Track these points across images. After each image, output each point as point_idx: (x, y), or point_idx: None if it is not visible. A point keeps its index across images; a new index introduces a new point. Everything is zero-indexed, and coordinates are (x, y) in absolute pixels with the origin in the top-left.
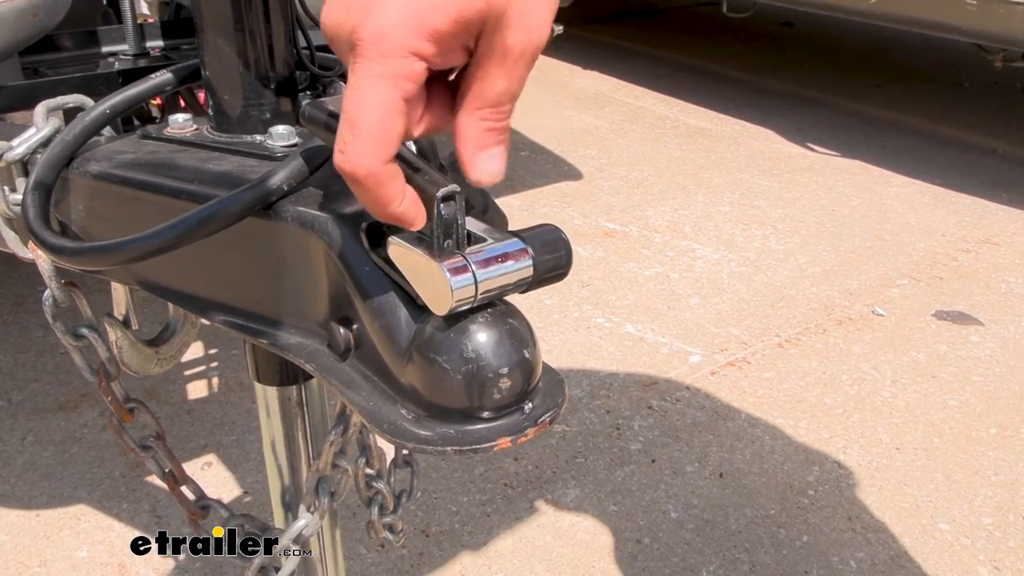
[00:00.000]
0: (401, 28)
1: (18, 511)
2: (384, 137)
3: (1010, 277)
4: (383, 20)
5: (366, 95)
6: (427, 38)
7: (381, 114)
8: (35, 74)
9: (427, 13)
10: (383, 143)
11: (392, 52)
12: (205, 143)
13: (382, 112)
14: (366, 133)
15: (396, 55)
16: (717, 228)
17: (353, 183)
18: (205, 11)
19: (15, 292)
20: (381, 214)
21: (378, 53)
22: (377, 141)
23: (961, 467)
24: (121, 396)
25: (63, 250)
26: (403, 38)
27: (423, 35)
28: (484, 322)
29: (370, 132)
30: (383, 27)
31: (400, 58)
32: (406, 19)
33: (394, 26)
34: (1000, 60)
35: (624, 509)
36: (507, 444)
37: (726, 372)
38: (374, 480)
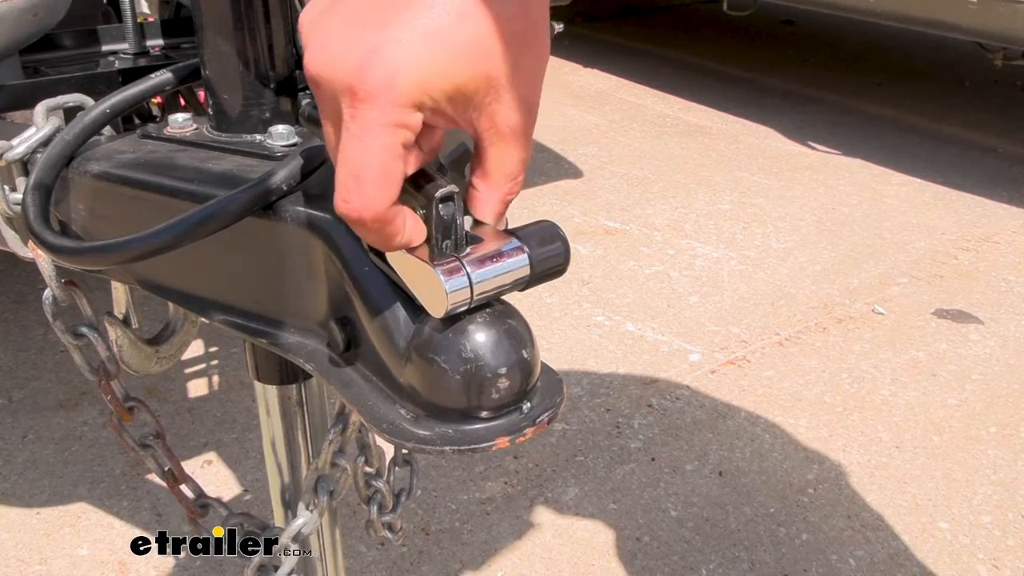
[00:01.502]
0: (410, 80)
1: (19, 509)
2: (389, 183)
3: (1010, 275)
4: (392, 68)
5: (370, 144)
6: (432, 94)
7: (385, 162)
8: (35, 73)
9: (437, 73)
10: (388, 188)
11: (399, 102)
12: (205, 142)
13: (386, 160)
14: (371, 181)
15: (400, 105)
16: (717, 226)
17: (359, 227)
18: (205, 10)
19: (15, 290)
20: (386, 247)
21: (383, 102)
22: (383, 187)
23: (960, 465)
24: (121, 395)
25: (63, 249)
26: (411, 89)
27: (429, 91)
28: (482, 322)
29: (375, 180)
30: (393, 76)
31: (402, 108)
32: (416, 71)
33: (405, 77)
34: (1000, 59)
35: (624, 507)
36: (505, 444)
37: (726, 370)
38: (373, 479)
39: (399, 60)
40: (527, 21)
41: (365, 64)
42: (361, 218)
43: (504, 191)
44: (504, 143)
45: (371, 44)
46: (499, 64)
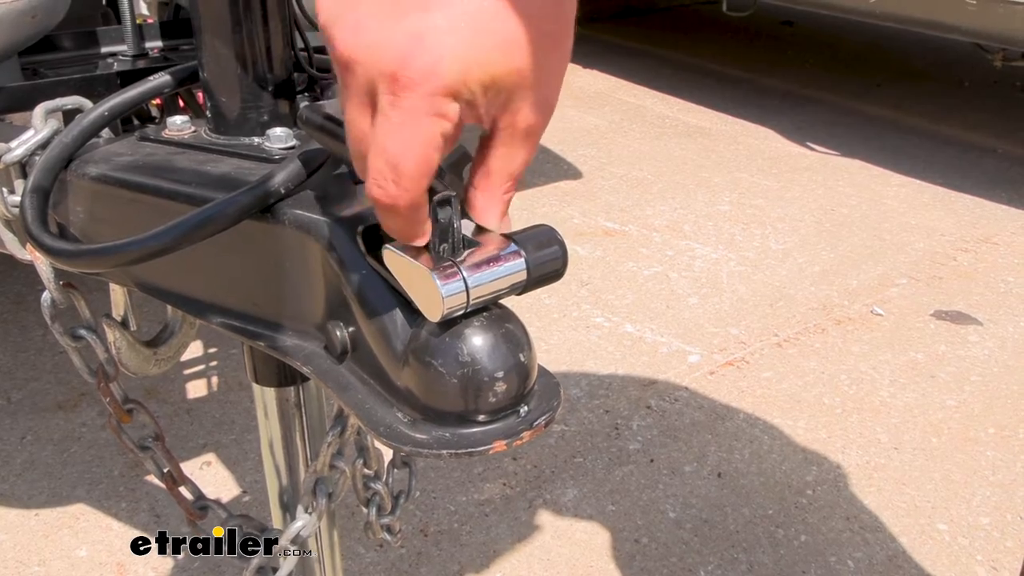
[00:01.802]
0: (455, 68)
1: (17, 510)
2: (427, 173)
3: (1009, 277)
4: (437, 55)
5: (408, 134)
6: (472, 84)
7: (427, 152)
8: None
9: (481, 63)
10: (425, 178)
11: (443, 91)
12: (203, 145)
13: (424, 151)
14: (411, 170)
15: (442, 94)
16: (716, 227)
17: (391, 214)
18: (203, 13)
19: (14, 291)
20: (408, 238)
21: (431, 90)
22: (421, 177)
23: (959, 467)
24: (120, 397)
25: (61, 252)
26: (455, 78)
27: (470, 81)
28: (479, 326)
29: (415, 169)
30: (437, 63)
31: (444, 98)
32: (459, 62)
33: (450, 65)
34: (1000, 59)
35: (622, 509)
36: (502, 447)
37: (725, 372)
38: (372, 481)
39: (444, 47)
40: (559, 21)
41: (409, 50)
42: (396, 205)
43: (503, 190)
44: (517, 142)
45: (413, 29)
46: (531, 61)
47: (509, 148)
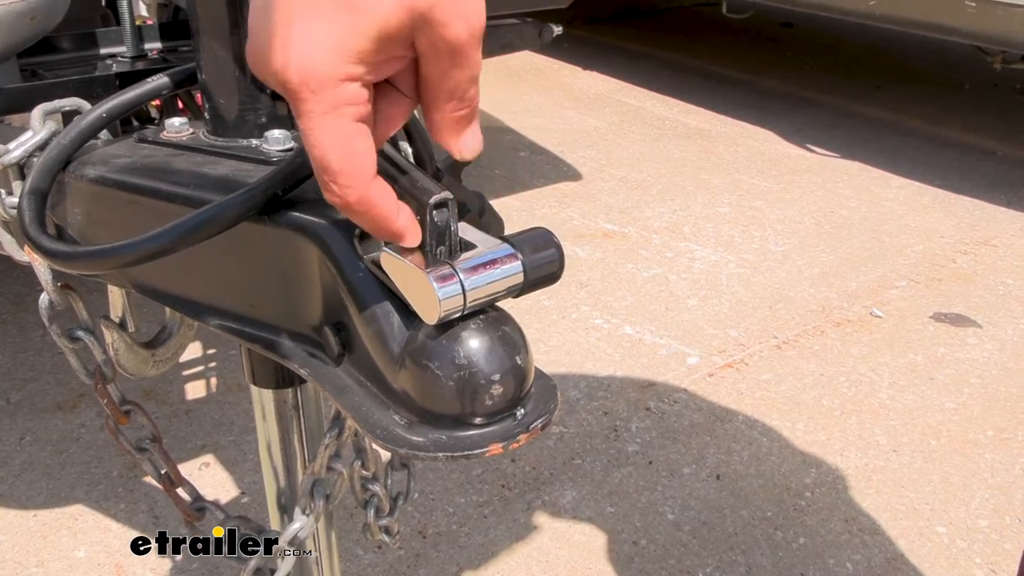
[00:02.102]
0: (324, 60)
1: (16, 511)
2: (355, 165)
3: (1008, 279)
4: (304, 57)
5: (320, 137)
6: (354, 61)
7: (342, 148)
8: (33, 76)
9: (347, 37)
10: (358, 169)
11: (323, 86)
12: (201, 147)
13: (342, 146)
14: (337, 169)
15: (328, 87)
16: (716, 229)
17: (348, 212)
18: (201, 15)
19: (14, 291)
20: (385, 233)
21: (310, 92)
22: (351, 171)
23: (958, 469)
24: (117, 398)
25: (58, 254)
26: (329, 69)
27: (349, 59)
28: (476, 329)
29: (340, 167)
30: (306, 64)
31: (333, 89)
32: (326, 49)
33: (316, 60)
34: (999, 62)
35: (621, 511)
36: (499, 450)
37: (724, 374)
38: (370, 483)
39: (306, 44)
40: None
41: (282, 61)
42: (346, 203)
43: (448, 110)
44: (444, 61)
45: (279, 37)
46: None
47: (438, 67)
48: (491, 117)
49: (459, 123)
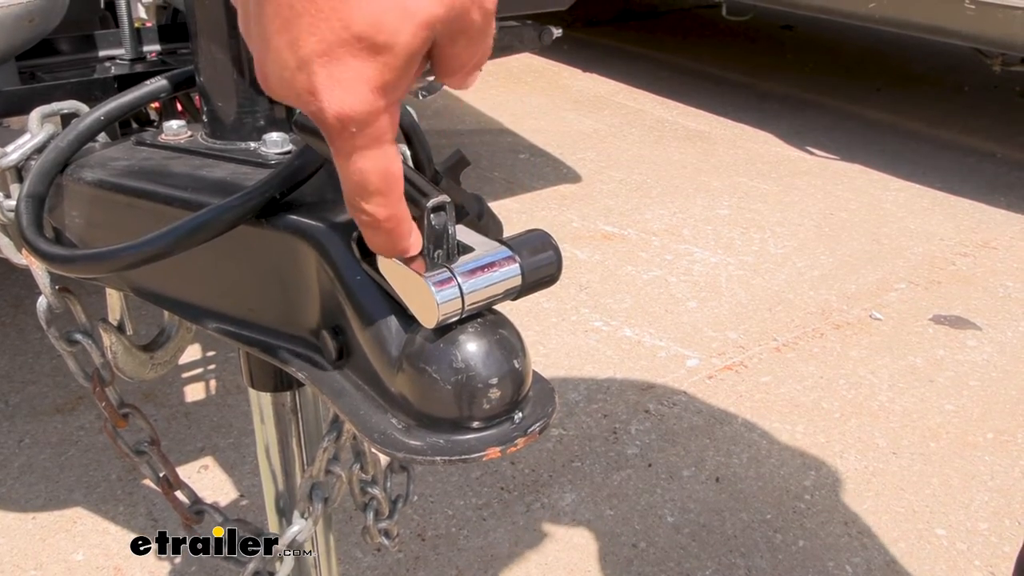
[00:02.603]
0: (360, 102)
1: (14, 513)
2: (393, 185)
3: (1008, 281)
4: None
5: (362, 164)
6: (387, 93)
7: (382, 171)
8: (32, 78)
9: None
10: (395, 189)
11: (364, 124)
12: (199, 150)
13: (382, 169)
14: (375, 191)
15: (369, 124)
16: (715, 231)
17: (373, 229)
18: (199, 18)
19: (12, 294)
20: (395, 250)
21: (351, 133)
22: (388, 191)
23: (957, 472)
24: (115, 402)
25: (56, 257)
26: (366, 107)
27: (382, 94)
28: (474, 332)
29: (379, 188)
30: (342, 108)
31: (374, 124)
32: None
33: (351, 103)
34: (999, 64)
35: (620, 513)
36: (496, 454)
37: (723, 376)
38: (369, 486)
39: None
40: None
41: (316, 105)
42: (375, 221)
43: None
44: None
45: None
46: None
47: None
48: (490, 119)
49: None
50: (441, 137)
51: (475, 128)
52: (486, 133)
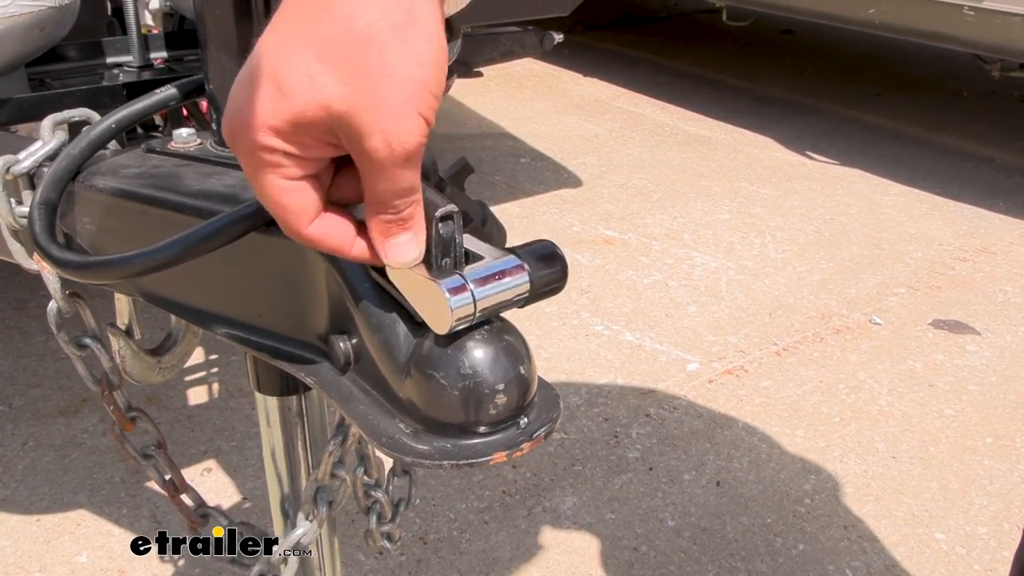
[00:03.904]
0: (247, 128)
1: (19, 516)
2: (287, 213)
3: (1007, 286)
4: (234, 120)
5: (255, 186)
6: (273, 135)
7: (272, 199)
8: (40, 85)
9: (268, 115)
10: (290, 216)
11: (248, 148)
12: (208, 158)
13: (272, 197)
14: (273, 214)
15: (252, 150)
16: (716, 236)
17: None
18: (209, 26)
19: (17, 297)
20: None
21: (237, 151)
22: (283, 217)
23: (957, 476)
24: (123, 405)
25: (68, 264)
26: (251, 136)
27: (268, 133)
28: (481, 339)
29: (274, 213)
30: (234, 127)
31: (257, 152)
32: (250, 120)
33: (241, 126)
34: (998, 70)
35: (621, 517)
36: (503, 458)
37: (724, 380)
38: (372, 489)
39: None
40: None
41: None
42: (297, 239)
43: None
44: (363, 167)
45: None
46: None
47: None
48: (492, 123)
49: (387, 228)
50: (442, 141)
51: (476, 132)
52: (487, 137)
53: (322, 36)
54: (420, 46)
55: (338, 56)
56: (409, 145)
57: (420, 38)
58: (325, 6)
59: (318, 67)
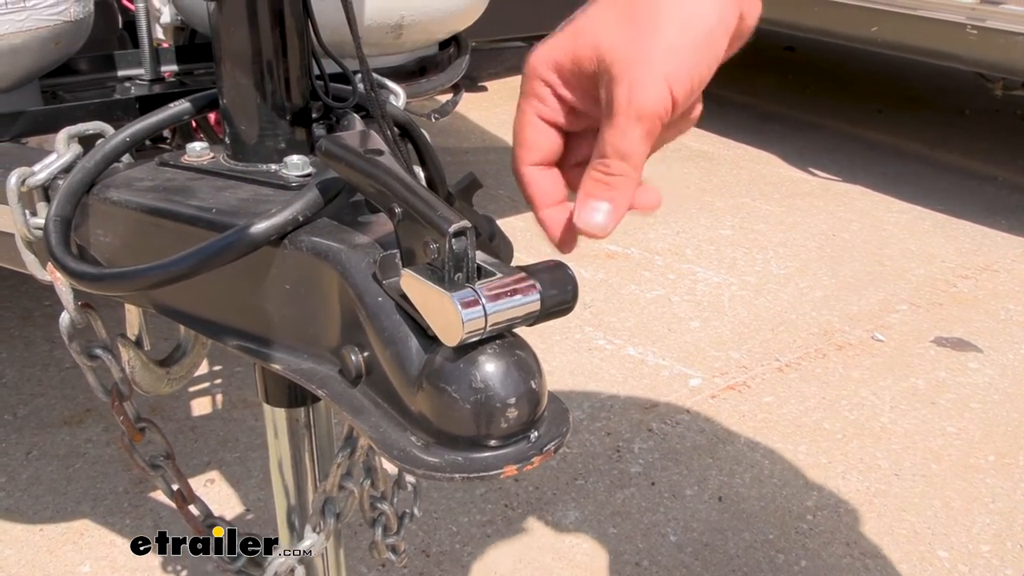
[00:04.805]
0: (535, 57)
1: (22, 525)
2: (525, 144)
3: (1009, 304)
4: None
5: (518, 109)
6: (552, 68)
7: (520, 124)
8: (53, 98)
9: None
10: (525, 149)
11: (528, 73)
12: (222, 171)
13: (521, 123)
14: (515, 139)
15: (530, 76)
16: (718, 251)
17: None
18: (224, 43)
19: (22, 306)
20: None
21: (524, 76)
22: (520, 147)
23: (959, 494)
24: (133, 416)
25: (84, 275)
26: (534, 63)
27: (550, 66)
28: (492, 353)
29: (516, 137)
30: (530, 56)
31: (532, 79)
32: (539, 50)
33: (533, 56)
34: (1000, 88)
35: (623, 532)
36: (513, 471)
37: (726, 396)
38: (378, 501)
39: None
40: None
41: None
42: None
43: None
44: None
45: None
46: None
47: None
48: (495, 137)
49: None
50: (447, 155)
51: (480, 146)
52: (491, 151)
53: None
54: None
55: (623, 5)
56: (644, 106)
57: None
58: None
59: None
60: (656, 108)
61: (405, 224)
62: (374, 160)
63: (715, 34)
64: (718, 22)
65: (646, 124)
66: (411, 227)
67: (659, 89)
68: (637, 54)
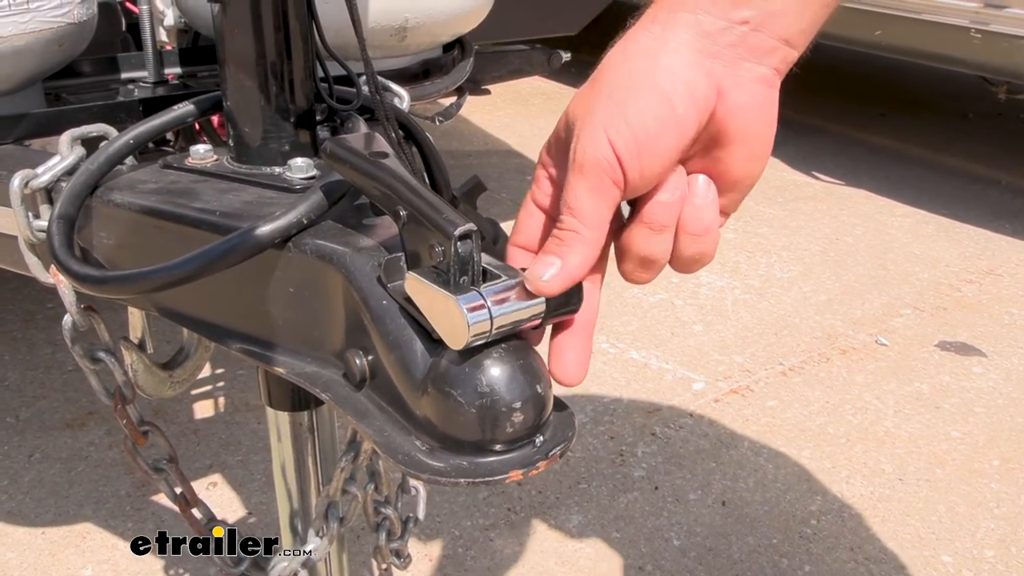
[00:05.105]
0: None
1: (24, 528)
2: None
3: (1013, 308)
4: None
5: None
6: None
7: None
8: (56, 100)
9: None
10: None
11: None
12: (225, 174)
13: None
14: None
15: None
16: (722, 255)
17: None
18: (228, 45)
19: (24, 309)
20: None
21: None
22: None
23: (964, 499)
24: (136, 419)
25: (87, 278)
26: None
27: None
28: (498, 357)
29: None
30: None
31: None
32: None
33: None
34: (1004, 92)
35: (627, 536)
36: (519, 476)
37: (730, 400)
38: (382, 506)
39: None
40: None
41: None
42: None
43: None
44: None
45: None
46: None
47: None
48: (499, 140)
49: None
50: (450, 158)
51: (483, 149)
52: (494, 155)
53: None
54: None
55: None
56: (583, 156)
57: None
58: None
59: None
60: (594, 157)
61: (410, 227)
62: (379, 163)
63: (673, 93)
64: (682, 83)
65: (589, 177)
66: (416, 230)
67: (596, 139)
68: (587, 111)
